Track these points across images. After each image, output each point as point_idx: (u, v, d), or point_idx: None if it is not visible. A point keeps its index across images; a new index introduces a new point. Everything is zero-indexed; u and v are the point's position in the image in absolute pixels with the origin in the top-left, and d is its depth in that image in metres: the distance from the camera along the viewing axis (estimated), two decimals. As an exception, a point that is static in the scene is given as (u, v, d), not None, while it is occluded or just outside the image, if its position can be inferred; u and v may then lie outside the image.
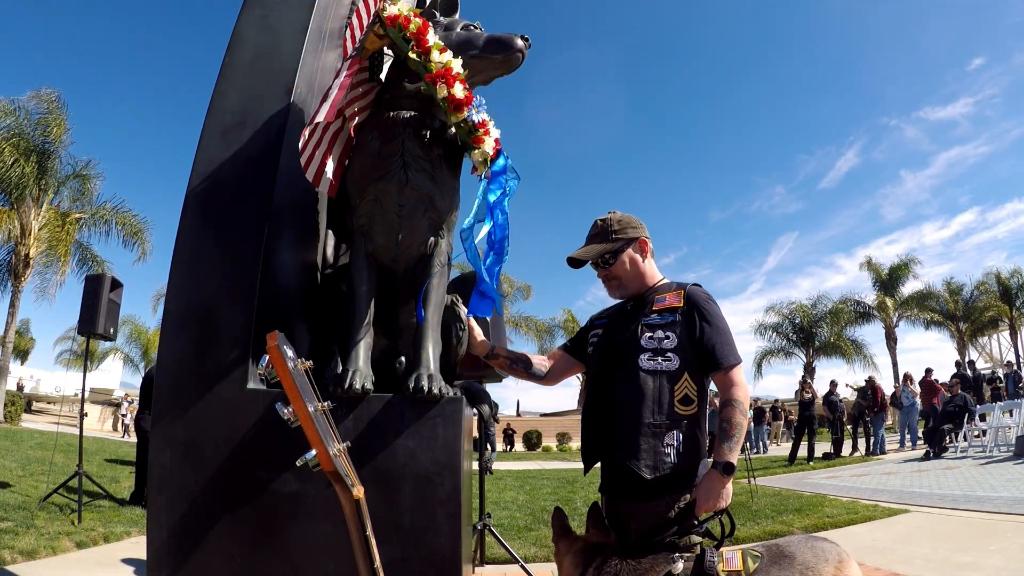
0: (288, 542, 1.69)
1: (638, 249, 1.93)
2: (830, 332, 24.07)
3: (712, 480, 1.67)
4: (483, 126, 2.05)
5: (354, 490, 1.22)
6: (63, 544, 4.04)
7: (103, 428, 25.75)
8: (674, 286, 1.90)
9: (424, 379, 1.83)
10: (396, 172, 2.01)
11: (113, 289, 5.54)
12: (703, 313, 1.79)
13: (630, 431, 1.72)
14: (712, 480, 1.67)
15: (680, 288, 1.86)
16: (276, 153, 1.96)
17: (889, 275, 24.76)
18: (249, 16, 2.16)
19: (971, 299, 24.61)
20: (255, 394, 1.76)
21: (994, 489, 6.25)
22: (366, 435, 1.76)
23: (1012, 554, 3.75)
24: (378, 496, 1.67)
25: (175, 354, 1.81)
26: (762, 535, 4.81)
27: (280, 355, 1.19)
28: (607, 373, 1.84)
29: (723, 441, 1.69)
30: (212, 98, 2.04)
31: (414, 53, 2.00)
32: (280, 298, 1.95)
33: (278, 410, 1.19)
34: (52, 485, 5.59)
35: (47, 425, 17.04)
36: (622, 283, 1.93)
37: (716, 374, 1.78)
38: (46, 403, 27.86)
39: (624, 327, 1.87)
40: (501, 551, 4.04)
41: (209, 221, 1.91)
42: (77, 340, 5.88)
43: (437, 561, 1.71)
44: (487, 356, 2.22)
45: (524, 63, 2.18)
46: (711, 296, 1.85)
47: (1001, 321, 24.26)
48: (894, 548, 4.17)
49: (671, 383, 1.74)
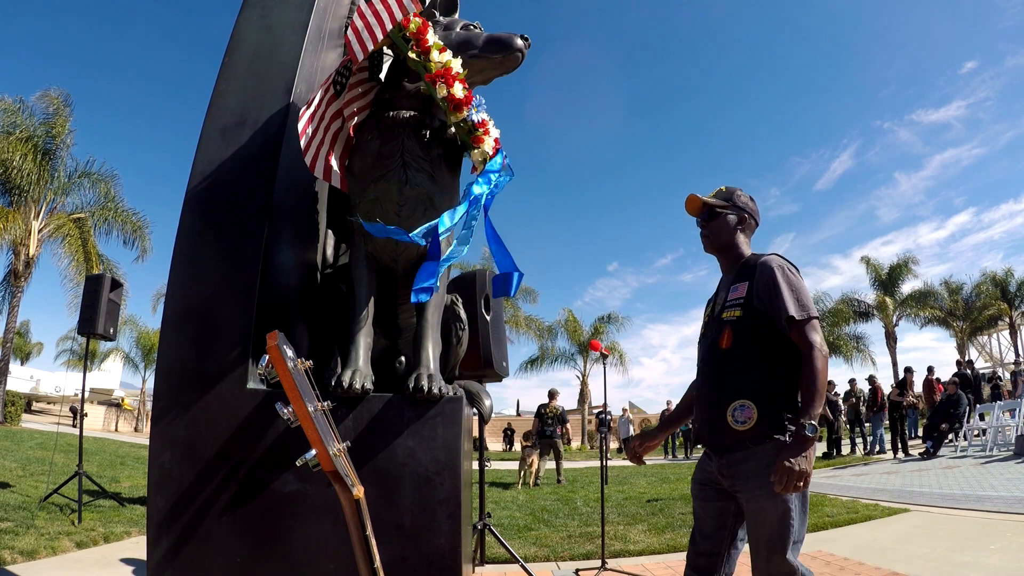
0: (288, 542, 1.70)
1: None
2: (830, 332, 24.05)
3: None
4: (483, 126, 2.05)
5: (354, 490, 1.22)
6: (63, 544, 4.04)
7: (113, 430, 25.71)
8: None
9: (424, 379, 1.83)
10: (396, 172, 2.01)
11: (113, 289, 5.53)
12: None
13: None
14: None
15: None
16: (276, 153, 1.96)
17: (888, 274, 24.75)
18: (249, 16, 2.16)
19: (971, 298, 24.64)
20: (255, 394, 1.76)
21: (994, 488, 6.25)
22: (366, 435, 1.76)
23: (1012, 553, 3.75)
24: (378, 496, 1.67)
25: (175, 354, 1.81)
26: (762, 534, 4.81)
27: (280, 355, 1.19)
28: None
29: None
30: (212, 98, 2.04)
31: (414, 53, 2.00)
32: (280, 298, 1.94)
33: (278, 410, 1.19)
34: (52, 485, 5.59)
35: (47, 425, 17.05)
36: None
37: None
38: (46, 403, 27.85)
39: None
40: (501, 551, 4.03)
41: (209, 221, 1.91)
42: (78, 340, 5.87)
43: (437, 561, 1.71)
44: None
45: (523, 62, 2.18)
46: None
47: (1001, 320, 24.28)
48: (894, 547, 4.17)
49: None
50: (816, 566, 3.78)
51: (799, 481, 1.60)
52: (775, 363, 1.78)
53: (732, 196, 2.06)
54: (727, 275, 2.03)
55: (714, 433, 1.82)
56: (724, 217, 2.02)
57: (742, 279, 1.92)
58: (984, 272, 24.99)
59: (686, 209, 2.09)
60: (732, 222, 2.02)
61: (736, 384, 1.79)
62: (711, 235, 2.04)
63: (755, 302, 1.83)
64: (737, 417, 1.75)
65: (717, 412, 1.80)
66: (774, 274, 1.83)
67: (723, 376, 1.83)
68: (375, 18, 1.98)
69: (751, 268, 1.91)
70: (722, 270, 2.08)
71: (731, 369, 1.82)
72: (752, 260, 1.95)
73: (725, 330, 1.86)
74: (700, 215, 2.07)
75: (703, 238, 2.08)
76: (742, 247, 2.03)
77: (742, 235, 2.04)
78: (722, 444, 1.80)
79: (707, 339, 1.96)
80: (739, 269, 1.97)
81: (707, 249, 2.09)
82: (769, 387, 1.76)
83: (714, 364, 1.88)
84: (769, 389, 1.76)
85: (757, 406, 1.73)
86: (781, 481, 1.61)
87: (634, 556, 4.33)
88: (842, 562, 3.83)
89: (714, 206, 2.03)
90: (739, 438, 1.75)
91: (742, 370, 1.80)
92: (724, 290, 1.98)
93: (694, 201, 2.06)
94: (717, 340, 1.88)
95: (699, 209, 2.06)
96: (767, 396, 1.75)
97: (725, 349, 1.84)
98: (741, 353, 1.81)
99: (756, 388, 1.76)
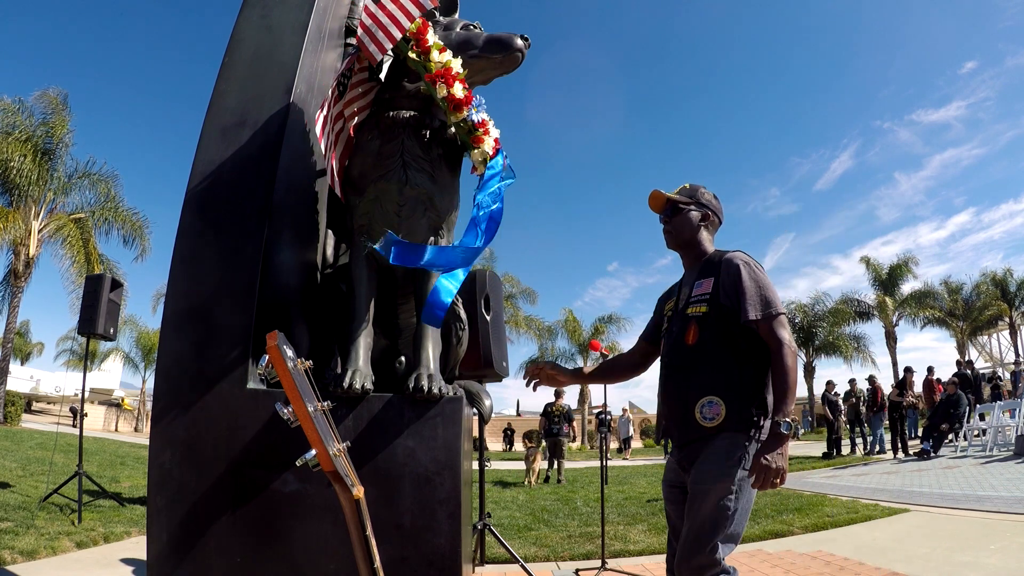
0: (288, 542, 1.70)
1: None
2: (829, 332, 24.04)
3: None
4: (483, 126, 2.05)
5: (354, 490, 1.22)
6: (63, 544, 4.04)
7: (113, 430, 25.68)
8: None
9: (424, 379, 1.83)
10: (396, 172, 2.01)
11: (113, 289, 5.53)
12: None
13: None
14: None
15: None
16: (276, 153, 1.96)
17: (888, 274, 24.76)
18: (249, 16, 2.16)
19: (971, 298, 24.64)
20: (255, 394, 1.76)
21: (994, 488, 6.25)
22: (366, 435, 1.77)
23: (1012, 553, 3.75)
24: (378, 496, 1.67)
25: (175, 354, 1.81)
26: (762, 534, 4.82)
27: (280, 355, 1.18)
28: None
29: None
30: (212, 98, 2.04)
31: (414, 53, 2.00)
32: (280, 298, 1.94)
33: (278, 410, 1.19)
34: (52, 485, 5.59)
35: (47, 425, 17.04)
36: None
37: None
38: (46, 403, 27.84)
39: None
40: (501, 551, 4.03)
41: (209, 221, 1.91)
42: (78, 340, 5.87)
43: (437, 561, 1.71)
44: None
45: (523, 62, 2.18)
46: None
47: (1001, 320, 24.29)
48: (894, 547, 4.17)
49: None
50: (816, 566, 3.78)
51: (776, 478, 1.62)
52: (742, 360, 1.78)
53: (696, 193, 2.06)
54: (689, 271, 2.03)
55: (682, 428, 1.83)
56: (687, 214, 2.03)
57: (706, 275, 1.92)
58: (984, 272, 25.08)
59: (649, 205, 2.09)
60: (695, 219, 2.03)
61: (703, 381, 1.79)
62: (674, 231, 2.05)
63: (722, 298, 1.83)
64: (705, 414, 1.75)
65: (685, 409, 1.80)
66: (740, 271, 1.82)
67: (690, 373, 1.82)
68: (389, 18, 1.96)
69: (715, 264, 1.91)
70: (684, 267, 2.08)
71: (698, 366, 1.81)
72: (716, 257, 1.95)
73: (691, 326, 1.86)
74: (663, 211, 2.07)
75: (666, 234, 2.08)
76: (705, 244, 2.03)
77: (705, 232, 2.04)
78: (689, 439, 1.81)
79: (671, 334, 1.95)
80: (702, 265, 1.97)
81: (669, 245, 2.09)
82: (736, 384, 1.76)
83: (680, 360, 1.87)
84: (737, 386, 1.76)
85: (725, 403, 1.74)
86: (759, 478, 1.62)
87: (634, 556, 4.33)
88: (842, 562, 3.83)
89: (677, 202, 2.04)
90: (704, 434, 1.75)
91: (709, 367, 1.79)
92: (687, 286, 1.97)
93: (657, 197, 2.06)
94: (682, 336, 1.87)
95: (662, 205, 2.07)
96: (735, 393, 1.75)
97: (691, 345, 1.84)
98: (708, 349, 1.81)
99: (724, 385, 1.76)
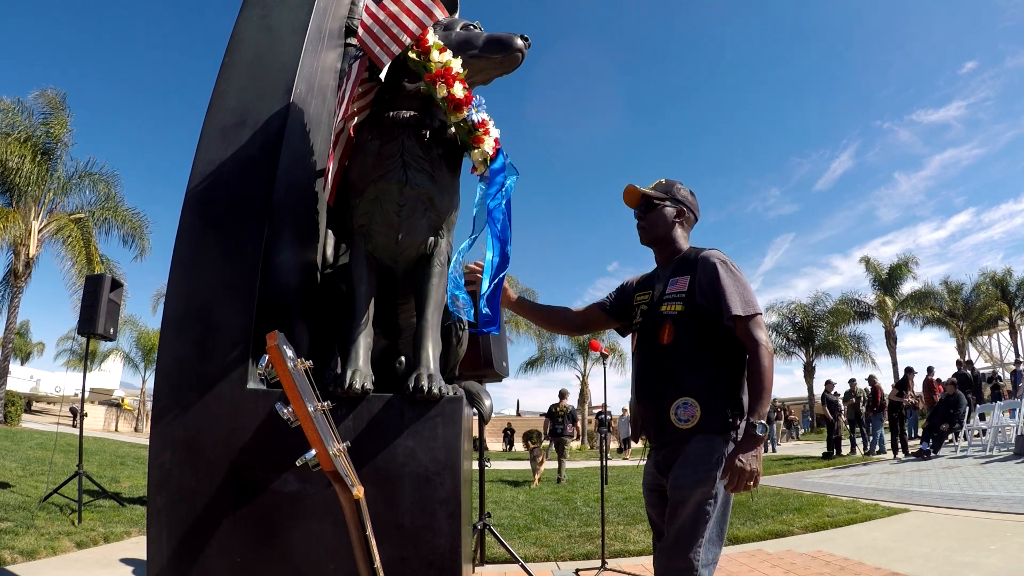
0: (288, 542, 1.69)
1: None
2: (829, 332, 24.06)
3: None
4: (483, 126, 2.05)
5: (354, 490, 1.22)
6: (63, 544, 4.04)
7: (113, 430, 25.66)
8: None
9: (424, 379, 1.83)
10: (396, 172, 2.01)
11: (113, 289, 5.54)
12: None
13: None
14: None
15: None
16: (276, 153, 1.95)
17: (888, 274, 24.77)
18: (249, 16, 2.16)
19: (970, 298, 24.65)
20: (255, 394, 1.76)
21: (994, 488, 6.26)
22: (366, 435, 1.76)
23: (1012, 553, 3.75)
24: (378, 496, 1.67)
25: (175, 354, 1.80)
26: (762, 535, 4.82)
27: (280, 355, 1.19)
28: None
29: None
30: (212, 98, 2.04)
31: (414, 53, 1.99)
32: (280, 298, 1.94)
33: (278, 410, 1.19)
34: (52, 485, 5.59)
35: (47, 425, 17.04)
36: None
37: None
38: (46, 403, 27.84)
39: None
40: (501, 551, 4.03)
41: (209, 221, 1.91)
42: (78, 340, 5.88)
43: (437, 561, 1.71)
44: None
45: (524, 62, 2.17)
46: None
47: (1001, 320, 24.29)
48: (894, 547, 4.17)
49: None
50: (816, 566, 3.78)
51: (750, 480, 1.59)
52: (718, 360, 1.76)
53: (671, 189, 2.04)
54: (664, 268, 2.00)
55: (658, 430, 1.81)
56: (662, 209, 2.00)
57: (681, 272, 1.89)
58: (984, 272, 25.11)
59: (624, 200, 2.06)
60: (670, 215, 2.00)
61: (679, 382, 1.76)
62: (648, 227, 2.02)
63: (698, 297, 1.80)
64: (680, 415, 1.74)
65: (660, 410, 1.78)
66: (717, 270, 1.79)
67: (665, 373, 1.80)
68: (395, 22, 1.96)
69: (691, 262, 1.88)
70: (657, 263, 2.05)
71: (673, 366, 1.78)
72: (692, 254, 1.92)
73: (666, 324, 1.83)
74: (638, 206, 2.05)
75: (640, 229, 2.06)
76: (679, 240, 2.01)
77: (680, 228, 2.01)
78: (665, 441, 1.80)
79: (645, 331, 1.91)
80: (677, 263, 1.95)
81: (643, 241, 2.06)
82: (712, 384, 1.74)
83: (655, 359, 1.84)
84: (712, 386, 1.74)
85: (700, 404, 1.72)
86: (732, 480, 1.60)
87: (634, 556, 4.33)
88: (842, 562, 3.83)
89: (652, 197, 2.01)
90: (680, 436, 1.74)
91: (685, 367, 1.77)
92: (662, 282, 1.94)
93: (632, 192, 2.04)
94: (656, 334, 1.84)
95: (637, 200, 2.04)
96: (710, 394, 1.73)
97: (666, 345, 1.81)
98: (683, 349, 1.78)
99: (699, 385, 1.74)
